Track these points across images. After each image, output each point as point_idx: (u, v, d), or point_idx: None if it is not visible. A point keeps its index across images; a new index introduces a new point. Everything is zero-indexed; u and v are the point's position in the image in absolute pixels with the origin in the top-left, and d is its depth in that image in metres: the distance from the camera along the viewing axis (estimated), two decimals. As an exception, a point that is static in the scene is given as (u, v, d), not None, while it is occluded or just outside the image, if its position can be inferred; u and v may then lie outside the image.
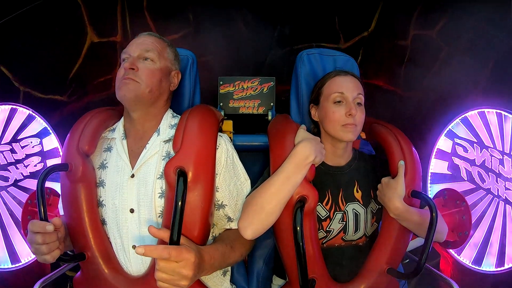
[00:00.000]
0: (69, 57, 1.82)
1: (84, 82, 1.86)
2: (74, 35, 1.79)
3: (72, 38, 1.79)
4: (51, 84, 1.81)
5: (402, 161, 1.10)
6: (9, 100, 1.71)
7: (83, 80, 1.85)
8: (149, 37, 1.12)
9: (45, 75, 1.80)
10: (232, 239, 1.06)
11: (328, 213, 1.14)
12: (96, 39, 1.83)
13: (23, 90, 1.79)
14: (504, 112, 1.54)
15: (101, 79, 1.72)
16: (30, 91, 1.79)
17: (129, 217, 1.03)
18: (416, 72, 1.86)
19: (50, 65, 1.79)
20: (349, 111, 1.08)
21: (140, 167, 1.05)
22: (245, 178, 1.14)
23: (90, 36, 1.82)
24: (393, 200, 1.05)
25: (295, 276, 0.99)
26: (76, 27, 1.78)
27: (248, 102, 1.68)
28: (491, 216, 1.59)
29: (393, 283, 1.13)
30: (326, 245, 1.15)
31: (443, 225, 1.19)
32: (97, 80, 1.86)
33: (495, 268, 1.57)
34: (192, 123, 1.04)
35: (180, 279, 0.85)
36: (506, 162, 1.52)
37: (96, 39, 1.83)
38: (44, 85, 1.81)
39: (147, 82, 1.05)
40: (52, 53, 1.78)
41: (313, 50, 1.35)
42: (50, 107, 1.80)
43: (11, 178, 1.73)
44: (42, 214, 0.92)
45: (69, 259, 1.00)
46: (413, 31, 1.85)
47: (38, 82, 1.81)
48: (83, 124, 1.09)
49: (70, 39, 1.79)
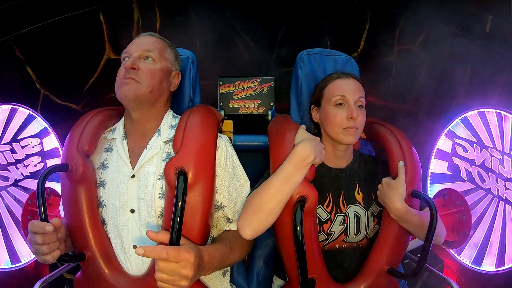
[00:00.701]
0: (87, 69, 1.91)
1: (97, 95, 1.93)
2: (94, 49, 1.89)
3: (92, 52, 1.89)
4: (69, 92, 1.91)
5: (402, 162, 1.10)
6: (29, 100, 1.79)
7: (97, 93, 1.93)
8: (150, 37, 1.13)
9: (65, 82, 1.89)
10: (232, 240, 1.06)
11: (329, 215, 1.13)
12: (112, 56, 1.92)
13: (43, 93, 1.88)
14: (504, 112, 1.54)
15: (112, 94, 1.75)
16: (49, 94, 1.89)
17: (129, 217, 1.03)
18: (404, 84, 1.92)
19: (70, 74, 1.89)
20: (351, 115, 1.08)
21: (140, 167, 1.05)
22: (244, 180, 1.14)
23: (108, 52, 1.91)
24: (394, 201, 1.05)
25: (295, 276, 1.00)
26: (97, 42, 1.89)
27: (248, 102, 1.68)
28: (491, 216, 1.59)
29: (393, 283, 1.13)
30: (327, 247, 1.14)
31: (442, 228, 1.19)
32: (109, 95, 1.92)
33: (495, 268, 1.57)
34: (192, 124, 1.04)
35: (180, 279, 0.85)
36: (506, 162, 1.52)
37: (113, 55, 1.91)
38: (62, 92, 1.90)
39: (148, 82, 1.05)
40: (73, 63, 1.88)
41: (313, 50, 1.35)
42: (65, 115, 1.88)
43: (11, 178, 1.73)
44: (42, 214, 0.92)
45: (69, 259, 1.00)
46: (397, 47, 1.93)
47: (57, 88, 1.90)
48: (83, 125, 1.09)
49: (90, 53, 1.89)
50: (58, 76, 1.88)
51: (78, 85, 1.91)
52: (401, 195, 1.05)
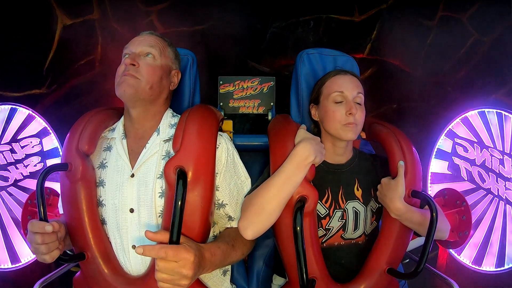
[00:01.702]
0: (41, 47, 1.72)
1: (62, 69, 1.76)
2: (42, 22, 1.68)
3: (41, 26, 1.68)
4: (25, 79, 1.73)
5: (402, 162, 1.10)
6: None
7: (62, 67, 1.76)
8: (150, 35, 1.13)
9: (17, 72, 1.71)
10: (233, 238, 1.06)
11: (328, 211, 1.14)
12: (68, 22, 1.72)
13: None
14: (504, 112, 1.54)
15: (81, 62, 1.63)
16: (2, 93, 1.72)
17: (129, 216, 1.03)
18: (438, 57, 1.73)
19: (20, 61, 1.70)
20: (349, 110, 1.08)
21: (140, 166, 1.04)
22: (245, 177, 1.14)
23: (61, 20, 1.71)
24: (394, 201, 1.05)
25: (295, 276, 0.99)
26: (43, 13, 1.67)
27: (248, 102, 1.68)
28: (491, 216, 1.59)
29: (393, 283, 1.13)
30: (326, 244, 1.15)
31: (445, 223, 1.18)
32: (78, 64, 1.77)
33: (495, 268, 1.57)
34: (192, 123, 1.03)
35: (180, 279, 0.84)
36: (506, 162, 1.52)
37: (69, 21, 1.72)
38: (17, 83, 1.72)
39: (148, 78, 1.05)
40: (21, 47, 1.68)
41: (313, 50, 1.35)
42: (29, 103, 1.73)
43: (11, 178, 1.73)
44: (42, 214, 0.92)
45: (68, 259, 1.00)
46: (442, 12, 1.72)
47: (10, 81, 1.73)
48: (82, 124, 1.09)
49: (38, 28, 1.68)
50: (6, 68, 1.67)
51: (35, 68, 1.70)
52: (400, 194, 1.05)
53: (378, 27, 1.85)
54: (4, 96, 1.74)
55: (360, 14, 1.85)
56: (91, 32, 1.86)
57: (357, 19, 1.85)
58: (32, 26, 1.69)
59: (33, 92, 1.75)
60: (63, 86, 1.84)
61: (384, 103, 1.93)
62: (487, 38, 1.72)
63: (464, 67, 1.76)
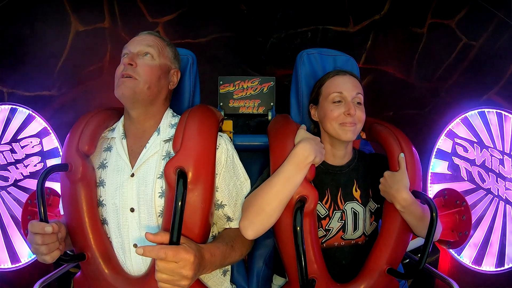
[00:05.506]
0: (54, 50, 1.77)
1: (72, 73, 1.81)
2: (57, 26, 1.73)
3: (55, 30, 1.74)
4: (37, 80, 1.78)
5: (403, 154, 1.11)
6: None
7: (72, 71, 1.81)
8: (149, 35, 1.13)
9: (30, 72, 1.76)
10: (233, 238, 1.06)
11: (328, 211, 1.14)
12: (81, 28, 1.78)
13: (7, 92, 1.76)
14: (504, 112, 1.55)
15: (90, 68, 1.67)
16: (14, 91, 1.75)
17: (129, 216, 1.03)
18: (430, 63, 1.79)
19: (34, 62, 1.76)
20: (348, 111, 1.08)
21: (140, 166, 1.04)
22: (245, 178, 1.14)
23: (75, 26, 1.77)
24: (401, 191, 1.05)
25: (295, 276, 0.99)
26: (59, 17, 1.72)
27: (248, 102, 1.68)
28: (491, 216, 1.59)
29: (393, 283, 1.13)
30: (326, 245, 1.15)
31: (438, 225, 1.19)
32: (87, 70, 1.82)
33: (495, 268, 1.57)
34: (192, 123, 1.03)
35: (180, 279, 0.84)
36: (506, 162, 1.52)
37: (81, 27, 1.78)
38: (29, 83, 1.77)
39: (146, 78, 1.05)
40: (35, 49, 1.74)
41: (312, 50, 1.35)
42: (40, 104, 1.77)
43: (11, 178, 1.73)
44: (42, 215, 0.92)
45: (69, 259, 1.00)
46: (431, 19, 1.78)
47: (22, 81, 1.77)
48: (83, 124, 1.09)
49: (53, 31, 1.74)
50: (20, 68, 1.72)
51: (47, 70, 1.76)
52: (406, 185, 1.06)
53: (372, 37, 1.93)
54: (15, 94, 1.77)
55: (354, 24, 1.93)
56: (101, 39, 1.91)
57: (352, 30, 1.93)
58: (49, 30, 1.75)
59: (43, 93, 1.79)
60: (71, 89, 1.89)
61: (380, 111, 1.99)
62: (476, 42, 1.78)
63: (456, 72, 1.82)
